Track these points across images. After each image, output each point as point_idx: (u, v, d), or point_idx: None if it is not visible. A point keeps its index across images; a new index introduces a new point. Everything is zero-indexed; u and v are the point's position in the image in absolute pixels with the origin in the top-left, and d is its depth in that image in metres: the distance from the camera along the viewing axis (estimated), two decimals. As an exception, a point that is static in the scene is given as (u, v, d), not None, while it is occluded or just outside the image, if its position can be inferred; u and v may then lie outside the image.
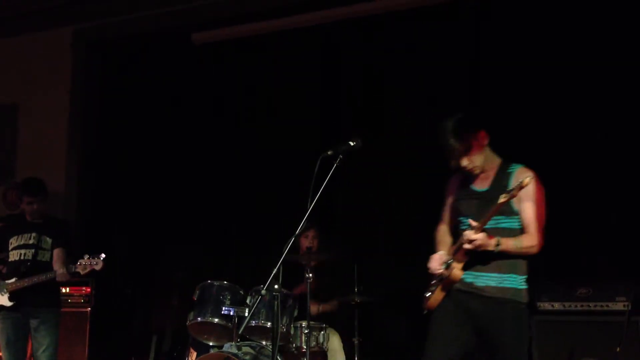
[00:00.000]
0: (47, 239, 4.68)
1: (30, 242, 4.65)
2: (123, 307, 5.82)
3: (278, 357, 4.10)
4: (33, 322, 4.58)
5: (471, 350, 3.19)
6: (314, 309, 4.65)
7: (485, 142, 3.19)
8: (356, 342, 4.46)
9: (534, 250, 3.08)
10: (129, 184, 6.36)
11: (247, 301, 4.21)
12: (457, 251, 3.12)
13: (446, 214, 3.43)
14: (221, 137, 6.15)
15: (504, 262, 3.09)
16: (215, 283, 4.32)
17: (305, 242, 4.88)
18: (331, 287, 4.85)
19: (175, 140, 6.27)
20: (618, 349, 3.92)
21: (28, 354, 4.70)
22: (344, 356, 4.62)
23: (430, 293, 3.26)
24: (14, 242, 4.68)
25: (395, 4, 5.63)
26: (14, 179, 6.57)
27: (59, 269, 4.50)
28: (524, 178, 2.87)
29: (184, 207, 6.07)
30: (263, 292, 2.70)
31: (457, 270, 3.09)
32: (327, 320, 4.72)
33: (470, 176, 3.26)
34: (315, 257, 4.56)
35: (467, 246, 3.00)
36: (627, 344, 4.04)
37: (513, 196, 2.91)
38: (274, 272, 2.68)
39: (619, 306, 4.26)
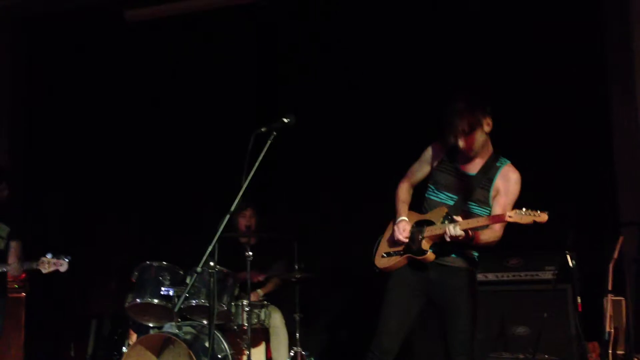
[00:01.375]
0: (3, 226, 4.51)
1: None
2: (60, 292, 5.70)
3: (219, 335, 4.13)
4: None
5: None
6: (254, 297, 4.65)
7: (489, 129, 3.19)
8: (297, 318, 4.51)
9: (494, 244, 3.22)
10: (61, 165, 6.19)
11: (187, 281, 4.21)
12: (433, 232, 3.16)
13: (417, 174, 3.43)
14: (157, 114, 6.06)
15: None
16: (154, 264, 4.31)
17: (244, 222, 4.89)
18: (271, 265, 4.89)
19: (109, 118, 6.13)
20: (545, 315, 4.11)
21: None
22: (286, 332, 4.68)
23: (387, 255, 3.32)
24: None
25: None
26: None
27: (13, 263, 4.37)
28: (506, 215, 2.97)
29: (120, 187, 5.98)
30: (198, 269, 2.71)
31: (430, 253, 3.18)
32: (268, 297, 4.78)
33: (458, 152, 3.24)
34: (254, 235, 4.59)
35: (447, 239, 3.07)
36: (554, 311, 4.25)
37: (486, 223, 3.06)
38: (209, 249, 2.69)
39: (547, 275, 4.46)
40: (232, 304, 4.30)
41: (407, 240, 3.24)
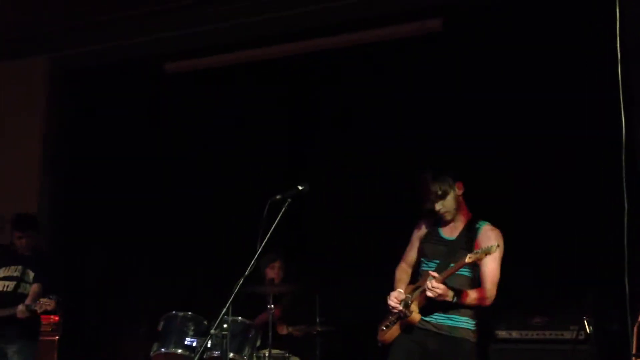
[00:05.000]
0: (31, 272, 4.77)
1: (15, 274, 4.76)
2: (92, 335, 5.85)
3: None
4: (9, 350, 4.63)
5: None
6: (282, 329, 4.76)
7: (461, 192, 3.44)
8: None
9: (487, 302, 3.30)
10: (102, 211, 6.41)
11: (211, 331, 4.28)
12: (420, 293, 3.29)
13: (409, 253, 3.65)
14: (194, 166, 6.22)
15: (459, 308, 3.30)
16: (179, 314, 4.38)
17: (271, 274, 4.97)
18: (294, 316, 4.93)
19: (148, 168, 6.35)
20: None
21: None
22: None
23: (386, 328, 3.45)
24: (0, 273, 4.79)
25: (365, 37, 5.79)
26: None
27: (21, 305, 4.55)
28: (493, 246, 3.06)
29: (155, 237, 6.14)
30: (212, 331, 2.78)
31: (415, 313, 3.29)
32: (290, 348, 4.82)
33: (439, 222, 3.49)
34: (277, 289, 4.66)
35: (428, 294, 3.18)
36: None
37: (479, 259, 3.12)
38: (222, 312, 2.77)
39: (572, 334, 4.39)
40: (254, 355, 4.36)
41: (398, 305, 3.34)
